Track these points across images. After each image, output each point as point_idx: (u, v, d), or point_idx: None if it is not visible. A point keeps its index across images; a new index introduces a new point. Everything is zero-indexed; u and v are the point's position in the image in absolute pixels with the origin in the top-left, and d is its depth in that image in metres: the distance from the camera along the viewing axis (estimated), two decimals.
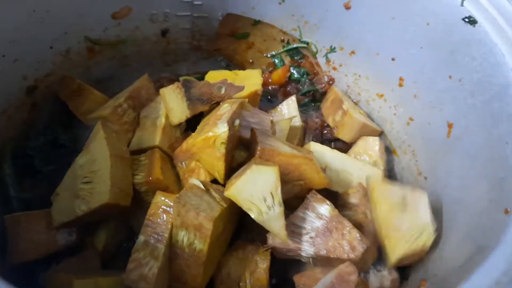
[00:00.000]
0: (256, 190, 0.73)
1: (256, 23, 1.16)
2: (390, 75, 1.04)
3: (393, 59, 1.03)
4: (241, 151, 0.89)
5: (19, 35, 0.87)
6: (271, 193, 0.73)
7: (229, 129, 0.76)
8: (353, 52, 1.11)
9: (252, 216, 0.72)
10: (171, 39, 1.16)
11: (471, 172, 0.81)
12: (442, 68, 0.91)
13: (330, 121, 1.11)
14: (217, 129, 0.76)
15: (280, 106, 1.06)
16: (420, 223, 0.80)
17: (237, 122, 0.81)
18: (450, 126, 0.89)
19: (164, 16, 1.11)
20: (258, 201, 0.73)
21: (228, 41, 1.18)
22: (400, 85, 1.03)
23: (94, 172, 0.77)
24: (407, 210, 0.82)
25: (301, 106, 1.14)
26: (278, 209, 0.73)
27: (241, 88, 0.91)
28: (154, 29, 1.12)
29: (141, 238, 0.72)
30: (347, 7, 1.05)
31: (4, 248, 0.78)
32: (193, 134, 0.81)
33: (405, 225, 0.80)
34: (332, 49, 1.14)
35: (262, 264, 0.78)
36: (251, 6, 1.14)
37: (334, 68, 1.17)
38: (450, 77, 0.89)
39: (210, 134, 0.76)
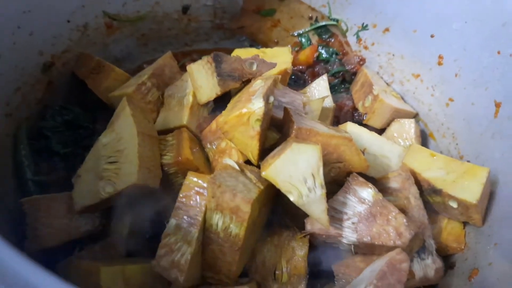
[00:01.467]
0: (296, 171, 0.66)
1: None
2: (428, 53, 0.98)
3: (432, 36, 0.96)
4: (273, 132, 0.83)
5: (34, 4, 0.81)
6: (312, 174, 0.67)
7: (265, 106, 0.70)
8: (387, 30, 1.05)
9: (292, 199, 0.66)
10: (192, 16, 1.09)
11: None
12: (490, 43, 0.84)
13: (359, 107, 1.04)
14: (251, 105, 0.69)
15: (310, 86, 1.00)
16: None
17: (271, 99, 0.74)
18: (498, 105, 0.83)
19: None
20: (298, 182, 0.66)
21: (253, 19, 1.12)
22: (439, 63, 0.96)
23: (120, 151, 0.71)
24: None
25: (330, 87, 1.08)
26: (319, 192, 0.67)
27: (273, 65, 0.85)
28: (175, 5, 1.06)
29: (173, 221, 0.66)
30: None
31: (22, 235, 0.72)
32: (223, 112, 0.74)
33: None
34: (364, 27, 1.08)
35: (300, 251, 0.72)
36: None
37: (366, 48, 1.10)
38: (498, 52, 0.82)
39: (244, 110, 0.70)
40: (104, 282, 0.62)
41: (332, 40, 1.12)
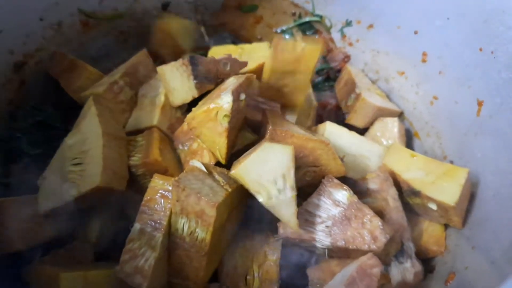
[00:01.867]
0: (267, 171, 0.64)
1: None
2: (412, 50, 0.95)
3: (415, 33, 0.93)
4: (249, 132, 0.80)
5: (4, 2, 0.79)
6: (283, 175, 0.65)
7: (234, 101, 0.67)
8: (371, 26, 1.02)
9: (260, 200, 0.64)
10: (172, 13, 1.07)
11: (505, 154, 0.72)
12: (472, 40, 0.81)
13: (343, 105, 1.02)
14: (220, 100, 0.67)
15: None
16: None
17: (242, 96, 0.72)
18: (480, 104, 0.80)
19: None
20: (267, 183, 0.64)
21: (235, 15, 1.10)
22: (423, 60, 0.93)
23: (85, 152, 0.69)
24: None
25: (314, 85, 1.05)
26: (289, 194, 0.65)
27: (245, 64, 0.82)
28: (154, 1, 1.04)
29: (137, 226, 0.64)
30: None
31: None
32: (193, 108, 0.72)
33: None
34: (348, 23, 1.05)
35: (272, 256, 0.70)
36: None
37: (350, 44, 1.07)
38: (480, 49, 0.80)
39: (212, 106, 0.67)
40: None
41: (316, 37, 1.09)
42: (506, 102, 0.75)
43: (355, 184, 0.80)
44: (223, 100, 0.68)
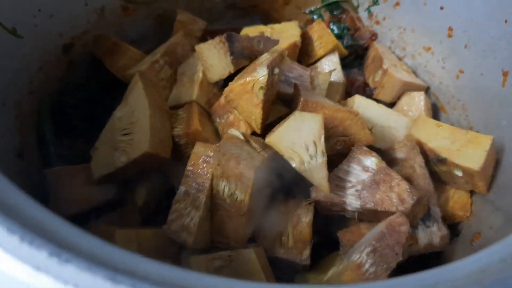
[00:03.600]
0: (299, 138, 0.69)
1: None
2: (438, 25, 0.98)
3: (441, 8, 0.96)
4: (281, 106, 0.85)
5: None
6: (314, 142, 0.70)
7: (268, 75, 0.72)
8: (397, 4, 1.05)
9: (293, 166, 0.69)
10: None
11: None
12: (497, 13, 0.84)
13: (370, 81, 1.05)
14: (256, 73, 0.72)
15: (321, 61, 1.02)
16: None
17: (276, 70, 0.77)
18: (505, 74, 0.83)
19: None
20: (300, 149, 0.69)
21: None
22: (449, 35, 0.96)
23: (133, 123, 0.75)
24: None
25: (343, 64, 1.09)
26: (320, 159, 0.69)
27: (277, 41, 0.87)
28: None
29: (182, 188, 0.70)
30: None
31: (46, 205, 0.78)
32: (230, 82, 0.77)
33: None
34: (375, 2, 1.08)
35: (304, 218, 0.75)
36: None
37: (377, 23, 1.11)
38: (506, 21, 0.82)
39: (249, 79, 0.73)
40: (119, 243, 0.66)
41: (344, 16, 1.13)
42: None
43: (383, 154, 0.84)
44: (259, 74, 0.73)
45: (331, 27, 1.11)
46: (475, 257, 0.42)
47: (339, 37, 1.10)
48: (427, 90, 1.03)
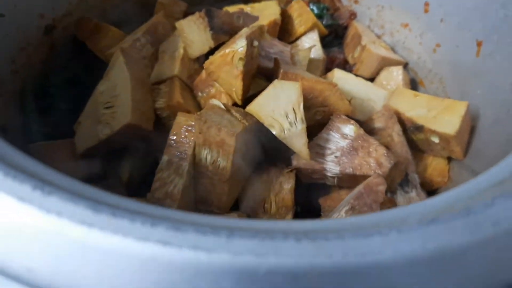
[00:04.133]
0: (278, 106, 0.71)
1: None
2: (415, 2, 1.00)
3: None
4: (262, 80, 0.87)
5: None
6: (293, 109, 0.71)
7: (247, 46, 0.74)
8: None
9: (274, 133, 0.71)
10: None
11: (504, 86, 0.78)
12: None
13: (349, 58, 1.08)
14: (235, 45, 0.74)
15: (301, 38, 1.03)
16: None
17: (256, 43, 0.78)
18: (479, 44, 0.86)
19: None
20: (280, 117, 0.71)
21: None
22: (426, 11, 0.98)
23: (115, 97, 0.76)
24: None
25: (324, 44, 1.11)
26: (300, 126, 0.71)
27: (256, 18, 0.89)
28: None
29: (165, 158, 0.72)
30: None
31: None
32: (210, 56, 0.79)
33: None
34: None
35: (286, 185, 0.77)
36: None
37: (356, 2, 1.13)
38: None
39: (228, 50, 0.74)
40: None
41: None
42: (502, 38, 0.80)
43: (362, 124, 0.86)
44: (237, 45, 0.75)
45: (311, 7, 1.13)
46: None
47: (319, 16, 1.12)
48: (405, 65, 1.05)
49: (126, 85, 0.75)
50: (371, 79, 1.03)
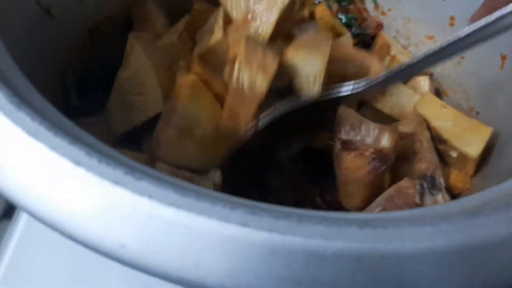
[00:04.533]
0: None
1: None
2: (441, 15, 1.05)
3: None
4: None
5: None
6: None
7: None
8: None
9: None
10: None
11: None
12: None
13: None
14: None
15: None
16: None
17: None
18: (503, 58, 0.90)
19: None
20: None
21: None
22: (451, 24, 1.03)
23: (141, 84, 0.81)
24: None
25: None
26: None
27: None
28: None
29: None
30: None
31: None
32: None
33: None
34: None
35: None
36: None
37: (383, 13, 1.17)
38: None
39: None
40: None
41: (351, 7, 1.19)
42: None
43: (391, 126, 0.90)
44: None
45: (339, 16, 1.18)
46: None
47: (347, 25, 1.16)
48: (431, 76, 1.09)
49: (150, 73, 0.80)
50: None
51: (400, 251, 0.37)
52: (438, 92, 1.08)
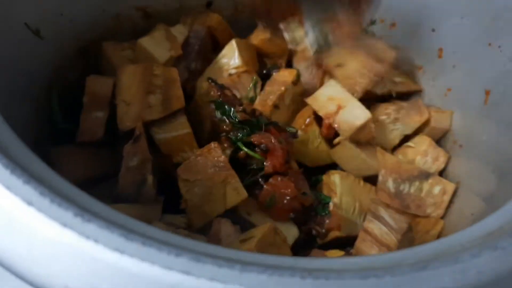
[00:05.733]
0: None
1: None
2: (430, 46, 1.05)
3: (433, 30, 1.03)
4: None
5: None
6: None
7: None
8: (393, 25, 1.12)
9: None
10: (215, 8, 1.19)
11: (507, 135, 0.82)
12: (482, 36, 0.91)
13: None
14: None
15: None
16: None
17: None
18: (487, 93, 0.90)
19: None
20: None
21: None
22: (440, 56, 1.03)
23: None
24: None
25: None
26: None
27: None
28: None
29: None
30: None
31: None
32: None
33: None
34: (373, 22, 1.16)
35: None
36: None
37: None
38: (489, 44, 0.90)
39: None
40: None
41: None
42: (508, 90, 0.85)
43: None
44: None
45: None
46: None
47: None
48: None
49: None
50: None
51: None
52: None
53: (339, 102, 0.90)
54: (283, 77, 0.98)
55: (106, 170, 0.86)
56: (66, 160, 0.85)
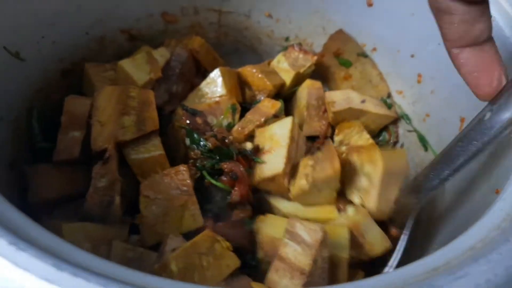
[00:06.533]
0: None
1: None
2: (410, 71, 1.06)
3: (412, 56, 1.04)
4: None
5: (58, 18, 0.95)
6: None
7: None
8: (374, 49, 1.14)
9: None
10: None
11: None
12: None
13: None
14: None
15: None
16: None
17: None
18: (462, 120, 0.90)
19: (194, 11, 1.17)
20: None
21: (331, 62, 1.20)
22: (419, 81, 1.04)
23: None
24: None
25: None
26: None
27: None
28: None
29: None
30: (369, 4, 1.08)
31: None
32: None
33: None
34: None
35: None
36: None
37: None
38: None
39: None
40: (66, 236, 0.69)
41: None
42: None
43: None
44: None
45: None
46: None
47: None
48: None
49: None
50: None
51: None
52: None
53: (273, 145, 0.86)
54: (266, 108, 0.98)
55: (81, 189, 0.86)
56: (41, 179, 0.86)
